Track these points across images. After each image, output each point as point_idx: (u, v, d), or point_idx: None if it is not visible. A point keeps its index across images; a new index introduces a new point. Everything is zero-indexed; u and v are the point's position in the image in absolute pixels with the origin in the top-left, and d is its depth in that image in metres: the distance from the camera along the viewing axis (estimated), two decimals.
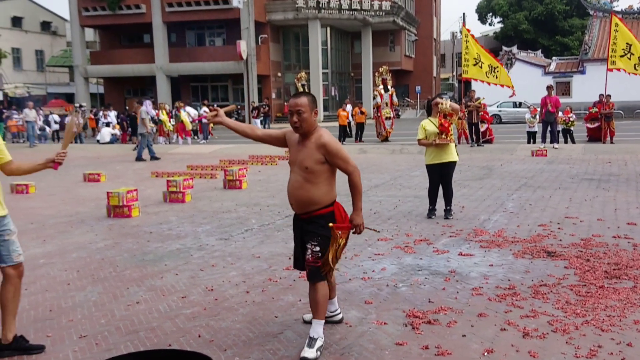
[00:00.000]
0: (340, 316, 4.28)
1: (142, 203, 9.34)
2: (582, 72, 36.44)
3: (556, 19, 51.02)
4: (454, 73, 56.86)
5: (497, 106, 32.46)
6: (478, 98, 18.07)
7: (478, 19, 60.48)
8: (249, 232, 7.38)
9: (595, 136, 19.11)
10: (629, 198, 9.08)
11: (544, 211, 8.23)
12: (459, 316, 4.34)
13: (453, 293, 4.86)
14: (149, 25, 38.29)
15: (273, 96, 39.26)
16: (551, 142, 16.88)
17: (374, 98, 22.34)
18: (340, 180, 4.01)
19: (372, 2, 40.09)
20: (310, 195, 3.79)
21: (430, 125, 7.77)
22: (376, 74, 22.61)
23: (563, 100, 21.29)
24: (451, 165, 7.88)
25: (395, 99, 22.66)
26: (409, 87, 51.31)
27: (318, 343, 3.75)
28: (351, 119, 23.50)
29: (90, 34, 45.30)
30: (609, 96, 18.50)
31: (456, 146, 8.13)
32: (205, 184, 11.98)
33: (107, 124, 26.64)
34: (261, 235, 7.22)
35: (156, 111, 22.79)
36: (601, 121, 18.71)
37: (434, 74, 56.41)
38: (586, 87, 32.58)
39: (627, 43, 17.59)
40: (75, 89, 41.92)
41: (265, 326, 4.26)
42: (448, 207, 7.97)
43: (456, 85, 51.62)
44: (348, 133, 23.31)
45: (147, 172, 14.14)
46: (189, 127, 23.37)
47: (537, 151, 15.59)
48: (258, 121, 27.36)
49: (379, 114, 21.31)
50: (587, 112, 20.13)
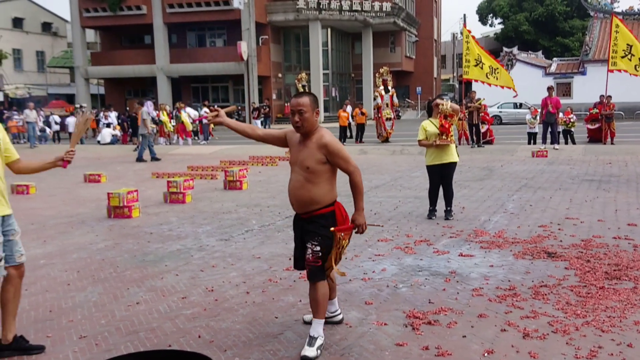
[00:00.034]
0: (340, 317, 4.28)
1: (143, 204, 9.34)
2: (583, 73, 36.46)
3: (557, 20, 51.05)
4: (455, 74, 56.89)
5: (498, 107, 32.48)
6: (479, 99, 18.08)
7: (479, 20, 60.55)
8: (250, 233, 7.38)
9: (595, 137, 19.11)
10: (630, 199, 9.08)
11: (545, 212, 8.23)
12: (459, 317, 4.33)
13: (453, 294, 4.86)
14: (150, 26, 38.34)
15: (273, 97, 39.29)
16: (552, 143, 16.87)
17: (375, 99, 22.34)
18: (341, 180, 4.01)
19: (373, 3, 40.11)
20: (311, 195, 3.80)
21: (430, 126, 7.77)
22: (377, 75, 22.61)
23: (563, 101, 21.29)
24: (452, 166, 7.89)
25: (395, 100, 22.66)
26: (410, 88, 51.34)
27: (318, 342, 3.76)
28: (351, 120, 23.52)
29: (91, 35, 45.34)
30: (610, 97, 18.50)
31: (457, 147, 8.13)
32: (205, 185, 11.98)
33: (108, 125, 26.67)
34: (261, 236, 7.23)
35: (157, 112, 22.83)
36: (602, 122, 18.71)
37: (435, 75, 56.42)
38: (587, 88, 32.59)
39: (628, 44, 17.60)
40: (76, 90, 41.96)
41: (265, 327, 4.26)
42: (448, 208, 7.97)
43: (457, 86, 51.63)
44: (348, 134, 23.33)
45: (148, 173, 14.15)
46: (190, 128, 23.40)
47: (538, 152, 15.59)
48: (258, 122, 27.39)
49: (380, 115, 21.30)
50: (588, 113, 20.13)
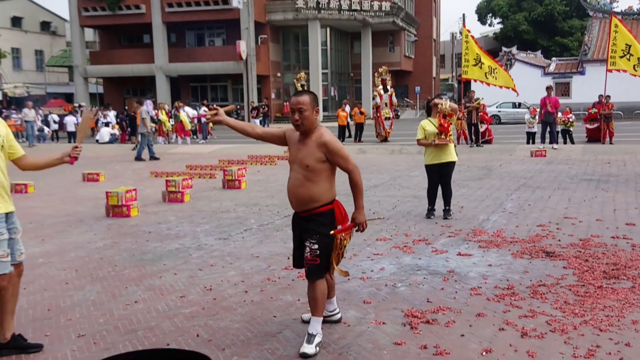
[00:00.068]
0: (339, 316, 4.28)
1: (141, 203, 9.34)
2: (582, 73, 36.48)
3: (556, 20, 51.08)
4: (454, 74, 56.91)
5: (497, 107, 32.48)
6: (477, 98, 18.09)
7: (478, 20, 60.59)
8: (248, 232, 7.38)
9: (594, 137, 19.13)
10: (628, 198, 9.09)
11: (543, 211, 8.24)
12: (458, 316, 4.34)
13: (452, 293, 4.87)
14: (149, 25, 38.30)
15: (272, 96, 39.27)
16: (550, 143, 16.89)
17: (374, 98, 22.34)
18: (340, 179, 4.01)
19: (372, 3, 40.10)
20: (310, 193, 3.80)
21: (429, 125, 7.78)
22: (376, 75, 22.62)
23: (562, 100, 21.31)
24: (450, 165, 7.89)
25: (394, 100, 22.67)
26: (409, 88, 51.35)
27: (317, 339, 3.77)
28: (349, 119, 23.51)
29: (89, 34, 45.32)
30: (609, 97, 18.52)
31: (455, 146, 8.14)
32: (204, 184, 11.98)
33: (107, 124, 26.65)
34: (260, 235, 7.23)
35: (155, 111, 22.81)
36: (600, 122, 18.72)
37: (434, 75, 56.45)
38: (585, 88, 32.60)
39: (627, 44, 17.60)
40: (74, 89, 41.93)
41: (263, 325, 4.26)
42: (447, 207, 7.98)
43: (456, 85, 51.65)
44: (347, 133, 23.32)
45: (146, 172, 14.14)
46: (188, 127, 23.39)
47: (537, 152, 15.60)
48: (257, 121, 27.37)
49: (379, 115, 21.31)
50: (587, 113, 20.14)
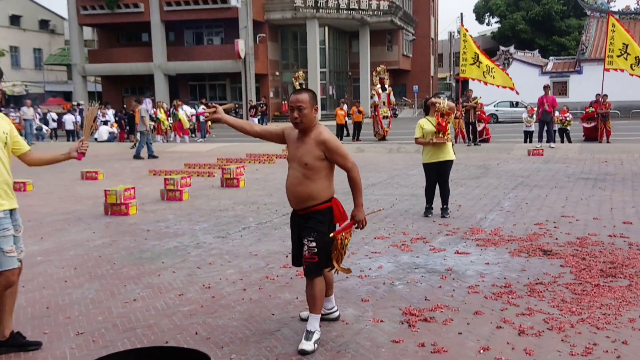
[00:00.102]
0: (337, 314, 4.29)
1: (140, 201, 9.34)
2: (579, 72, 36.53)
3: (553, 19, 51.10)
4: (452, 72, 56.86)
5: (494, 105, 32.51)
6: (475, 97, 18.09)
7: (475, 19, 60.63)
8: (247, 230, 7.39)
9: (591, 136, 19.17)
10: (625, 197, 9.12)
11: (540, 210, 8.26)
12: (455, 314, 4.35)
13: (449, 291, 4.88)
14: (147, 24, 38.27)
15: (271, 95, 39.27)
16: (548, 142, 16.92)
17: (372, 97, 22.34)
18: (338, 178, 4.02)
19: (370, 2, 40.10)
20: (309, 191, 3.81)
21: (427, 124, 7.79)
22: (374, 73, 22.62)
23: (560, 99, 21.37)
24: (448, 164, 7.91)
25: (392, 98, 22.70)
26: (407, 87, 51.38)
27: (315, 336, 3.79)
28: (347, 118, 23.52)
29: (88, 33, 45.24)
30: (606, 96, 18.55)
31: (453, 145, 8.16)
32: (202, 182, 11.98)
33: (105, 123, 26.59)
34: (258, 233, 7.24)
35: (154, 110, 22.78)
36: (597, 121, 18.76)
37: (432, 74, 56.45)
38: (583, 87, 32.64)
39: (624, 43, 17.63)
40: (73, 88, 41.90)
41: (262, 324, 4.27)
42: (445, 206, 8.00)
43: (453, 84, 51.63)
44: (345, 132, 23.33)
45: (145, 170, 14.14)
46: (187, 126, 23.37)
47: (534, 150, 15.64)
48: (255, 120, 27.37)
49: (377, 113, 21.32)
50: (584, 112, 20.20)
